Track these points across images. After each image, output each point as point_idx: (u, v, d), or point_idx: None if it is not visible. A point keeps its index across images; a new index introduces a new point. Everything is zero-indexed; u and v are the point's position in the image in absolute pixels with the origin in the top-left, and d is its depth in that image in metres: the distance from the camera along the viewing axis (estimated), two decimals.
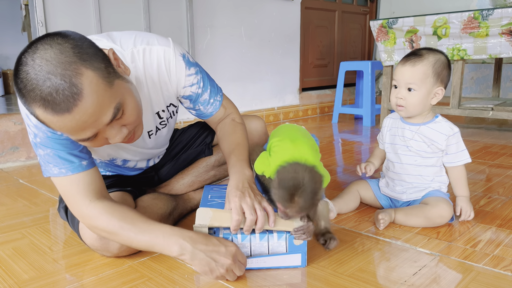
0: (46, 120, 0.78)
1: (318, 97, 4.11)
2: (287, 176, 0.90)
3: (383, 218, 1.23)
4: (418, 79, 1.23)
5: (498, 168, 1.94)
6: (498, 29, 2.40)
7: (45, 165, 0.96)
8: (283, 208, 0.93)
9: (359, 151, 2.42)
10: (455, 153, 1.27)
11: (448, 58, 1.27)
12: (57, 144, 0.93)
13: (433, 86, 1.24)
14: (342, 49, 4.39)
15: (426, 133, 1.27)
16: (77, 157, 0.96)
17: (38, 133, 0.92)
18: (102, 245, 1.04)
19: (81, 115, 0.77)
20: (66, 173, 0.94)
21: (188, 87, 1.12)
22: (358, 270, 1.01)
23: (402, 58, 1.29)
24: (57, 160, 0.94)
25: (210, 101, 1.17)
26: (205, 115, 1.21)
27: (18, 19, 4.11)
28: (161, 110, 1.13)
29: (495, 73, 3.48)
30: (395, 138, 1.34)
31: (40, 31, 2.21)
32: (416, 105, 1.25)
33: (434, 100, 1.25)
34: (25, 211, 1.48)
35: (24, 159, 2.21)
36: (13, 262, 1.09)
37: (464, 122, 3.39)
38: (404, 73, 1.25)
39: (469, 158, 1.27)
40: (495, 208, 1.41)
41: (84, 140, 0.83)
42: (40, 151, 0.95)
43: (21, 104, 0.91)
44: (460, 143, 1.27)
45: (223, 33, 3.16)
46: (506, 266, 1.01)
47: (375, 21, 2.91)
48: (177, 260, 1.06)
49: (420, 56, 1.24)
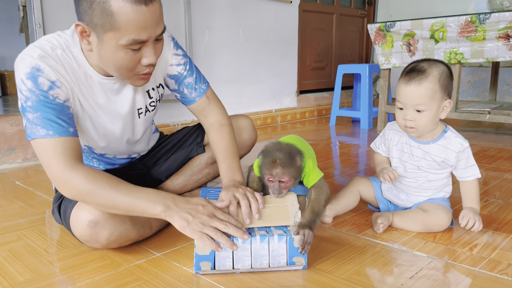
0: (120, 10, 0.89)
1: (315, 99, 4.11)
2: (269, 147, 1.11)
3: (382, 223, 1.23)
4: (427, 99, 1.15)
5: (495, 171, 1.95)
6: (495, 33, 2.41)
7: (31, 128, 0.97)
8: (268, 175, 1.07)
9: (357, 154, 2.42)
10: (464, 168, 1.23)
11: (449, 66, 1.21)
12: (48, 108, 0.97)
13: (441, 101, 1.18)
14: (340, 52, 4.40)
15: (437, 152, 1.23)
16: (65, 122, 0.99)
17: (30, 96, 0.96)
18: (91, 234, 1.03)
19: (151, 12, 0.92)
20: (53, 134, 0.97)
21: (174, 66, 1.21)
22: (355, 273, 1.01)
23: (402, 74, 1.19)
24: (45, 122, 0.96)
25: (194, 86, 1.25)
26: (188, 100, 1.27)
27: (15, 20, 4.10)
28: (151, 88, 1.20)
29: (492, 77, 3.49)
30: (404, 155, 1.28)
31: (37, 33, 2.20)
32: (428, 125, 1.19)
33: (443, 114, 1.20)
34: (21, 213, 1.47)
35: (21, 160, 2.20)
36: (8, 264, 1.08)
37: (461, 125, 3.40)
38: (411, 94, 1.16)
39: (478, 174, 1.23)
40: (491, 212, 1.42)
41: (139, 43, 0.93)
42: (29, 115, 0.97)
43: (18, 68, 0.97)
44: (470, 158, 1.23)
45: (221, 35, 3.16)
46: (503, 270, 1.01)
47: (372, 24, 2.92)
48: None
49: (424, 72, 1.15)
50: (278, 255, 0.99)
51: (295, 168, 1.09)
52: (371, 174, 1.92)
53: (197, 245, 0.96)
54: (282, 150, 1.08)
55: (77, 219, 1.04)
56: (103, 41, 0.94)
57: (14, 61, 1.00)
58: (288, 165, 1.07)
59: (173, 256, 1.10)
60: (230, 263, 0.99)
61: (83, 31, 0.96)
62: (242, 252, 0.98)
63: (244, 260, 0.99)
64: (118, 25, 0.90)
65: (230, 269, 0.99)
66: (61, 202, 1.16)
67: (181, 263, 1.07)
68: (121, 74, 1.01)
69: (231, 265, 0.99)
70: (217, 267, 0.99)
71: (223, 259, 0.98)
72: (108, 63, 0.98)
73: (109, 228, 1.04)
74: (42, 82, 0.96)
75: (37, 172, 2.06)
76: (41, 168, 2.12)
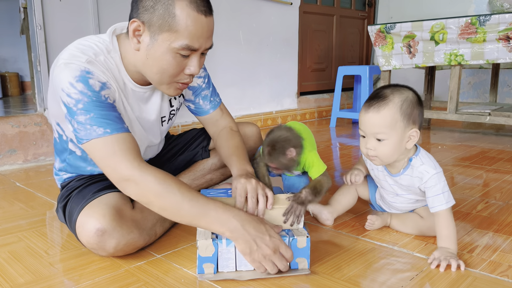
0: (182, 14, 0.93)
1: (316, 101, 4.12)
2: (271, 134, 1.19)
3: (370, 219, 1.25)
4: (385, 127, 1.05)
5: (495, 173, 1.95)
6: (495, 34, 2.42)
7: (85, 130, 0.96)
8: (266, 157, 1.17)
9: (357, 156, 2.43)
10: (432, 197, 1.09)
11: (418, 94, 1.11)
12: (101, 107, 0.97)
13: (404, 130, 1.07)
14: (340, 53, 4.41)
15: (405, 182, 1.15)
16: (120, 120, 0.99)
17: (82, 98, 0.95)
18: (98, 242, 1.02)
19: (208, 24, 0.98)
20: (111, 132, 0.96)
21: (195, 78, 1.25)
22: (355, 275, 1.01)
23: (364, 102, 1.11)
24: (101, 121, 0.96)
25: (210, 98, 1.30)
26: (203, 111, 1.30)
27: (16, 22, 4.11)
28: (173, 98, 1.23)
29: (492, 78, 3.49)
30: (380, 181, 1.24)
31: (38, 35, 2.21)
32: (389, 154, 1.09)
33: (410, 143, 1.09)
34: (21, 214, 1.48)
35: (21, 162, 2.20)
36: (8, 265, 1.08)
37: (462, 127, 3.40)
38: (370, 122, 1.07)
39: (443, 205, 1.07)
40: (492, 213, 1.42)
41: (190, 50, 0.97)
42: (81, 117, 0.96)
43: (62, 73, 0.96)
44: (437, 186, 1.08)
45: (222, 37, 3.17)
46: (503, 272, 1.01)
47: (373, 26, 2.92)
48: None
49: (384, 99, 1.06)
50: None
51: (286, 161, 1.17)
52: None
53: (200, 246, 0.96)
54: (277, 140, 1.16)
55: (84, 226, 1.02)
56: (156, 41, 0.97)
57: (15, 62, 1.01)
58: (276, 158, 1.17)
59: (174, 258, 1.10)
60: (233, 265, 0.99)
61: (137, 29, 0.98)
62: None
63: (247, 262, 0.99)
64: (176, 28, 0.94)
65: (233, 271, 0.99)
66: (67, 203, 1.15)
67: (182, 264, 1.07)
68: (162, 79, 1.02)
69: (234, 266, 0.99)
70: (220, 269, 0.99)
71: (226, 261, 0.98)
72: (154, 65, 1.00)
73: (117, 237, 1.02)
74: (94, 84, 0.97)
75: (38, 173, 2.06)
76: (42, 170, 2.12)
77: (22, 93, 4.34)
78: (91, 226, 1.01)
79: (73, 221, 1.08)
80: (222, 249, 0.98)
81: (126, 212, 1.06)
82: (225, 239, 0.98)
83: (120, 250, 1.05)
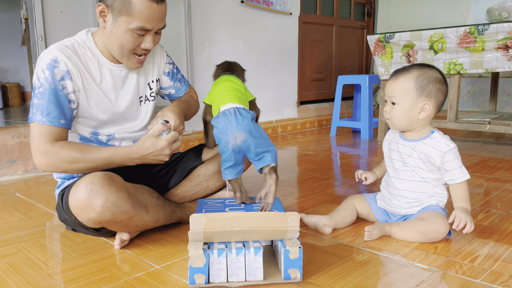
0: (137, 1, 1.13)
1: (316, 110, 4.12)
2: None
3: (368, 230, 1.25)
4: (399, 93, 1.24)
5: (496, 182, 1.94)
6: (494, 43, 2.43)
7: (33, 112, 1.16)
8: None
9: (357, 165, 2.42)
10: (452, 170, 1.22)
11: (442, 74, 1.25)
12: (53, 97, 1.16)
13: (417, 100, 1.23)
14: (340, 63, 4.43)
15: (423, 149, 1.25)
16: (63, 114, 1.18)
17: (44, 84, 1.16)
18: (87, 198, 1.08)
19: (159, 9, 1.18)
20: (45, 122, 1.15)
21: (167, 64, 1.46)
22: (355, 285, 1.00)
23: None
24: (46, 110, 1.15)
25: (183, 80, 1.53)
26: (181, 91, 1.52)
27: (18, 33, 4.14)
28: (151, 81, 1.40)
29: (492, 87, 3.50)
30: (392, 152, 1.34)
31: (39, 45, 2.22)
32: (398, 118, 1.26)
33: (422, 114, 1.24)
34: (21, 225, 1.47)
35: (21, 172, 2.20)
36: (7, 277, 1.07)
37: (461, 135, 3.40)
38: (388, 87, 1.28)
39: (466, 175, 1.22)
40: (493, 223, 1.41)
41: (144, 30, 1.18)
42: (36, 100, 1.17)
43: (41, 60, 1.16)
44: (456, 160, 1.22)
45: (222, 47, 3.18)
46: (504, 282, 1.01)
47: (372, 36, 2.94)
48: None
49: (405, 70, 1.26)
50: (254, 268, 0.99)
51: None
52: (371, 185, 1.92)
53: (191, 257, 0.96)
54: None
55: (76, 187, 1.11)
56: (117, 22, 1.17)
57: (16, 73, 1.08)
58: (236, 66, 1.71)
59: (173, 269, 1.10)
60: (225, 276, 0.99)
61: (102, 11, 1.18)
62: (236, 264, 0.98)
63: (238, 273, 0.98)
64: (132, 13, 1.15)
65: (225, 282, 0.99)
66: (64, 192, 1.23)
67: (180, 275, 1.06)
68: (122, 52, 1.22)
69: (225, 277, 0.99)
70: (212, 280, 0.98)
71: (217, 271, 0.98)
72: (115, 41, 1.20)
73: (105, 193, 1.09)
74: (57, 72, 1.16)
75: (38, 184, 2.06)
76: (42, 180, 2.12)
77: (23, 103, 4.35)
78: (82, 184, 1.10)
79: (67, 197, 1.16)
80: (213, 260, 0.97)
81: (116, 178, 1.16)
82: (216, 250, 0.98)
83: (108, 209, 1.09)
